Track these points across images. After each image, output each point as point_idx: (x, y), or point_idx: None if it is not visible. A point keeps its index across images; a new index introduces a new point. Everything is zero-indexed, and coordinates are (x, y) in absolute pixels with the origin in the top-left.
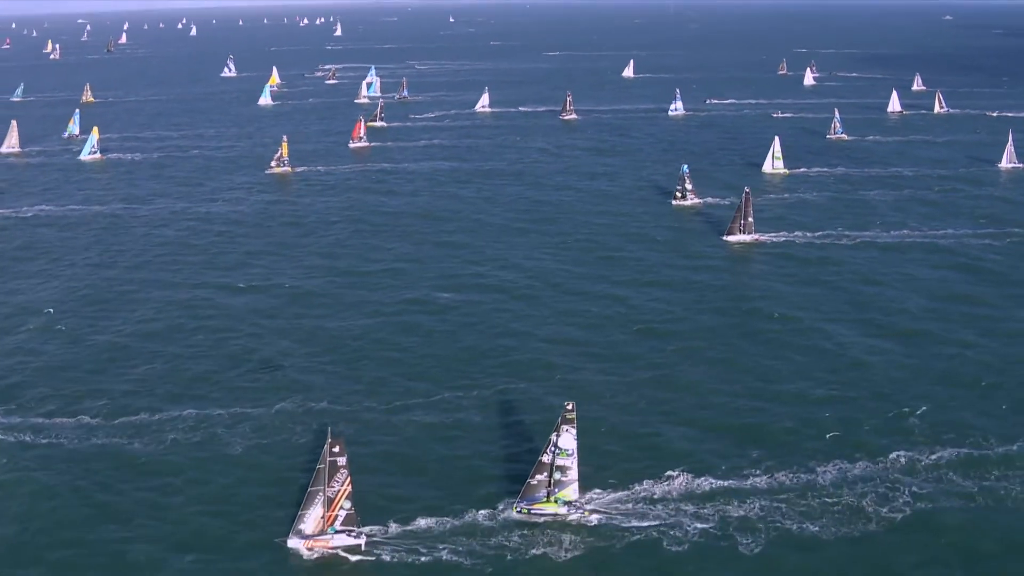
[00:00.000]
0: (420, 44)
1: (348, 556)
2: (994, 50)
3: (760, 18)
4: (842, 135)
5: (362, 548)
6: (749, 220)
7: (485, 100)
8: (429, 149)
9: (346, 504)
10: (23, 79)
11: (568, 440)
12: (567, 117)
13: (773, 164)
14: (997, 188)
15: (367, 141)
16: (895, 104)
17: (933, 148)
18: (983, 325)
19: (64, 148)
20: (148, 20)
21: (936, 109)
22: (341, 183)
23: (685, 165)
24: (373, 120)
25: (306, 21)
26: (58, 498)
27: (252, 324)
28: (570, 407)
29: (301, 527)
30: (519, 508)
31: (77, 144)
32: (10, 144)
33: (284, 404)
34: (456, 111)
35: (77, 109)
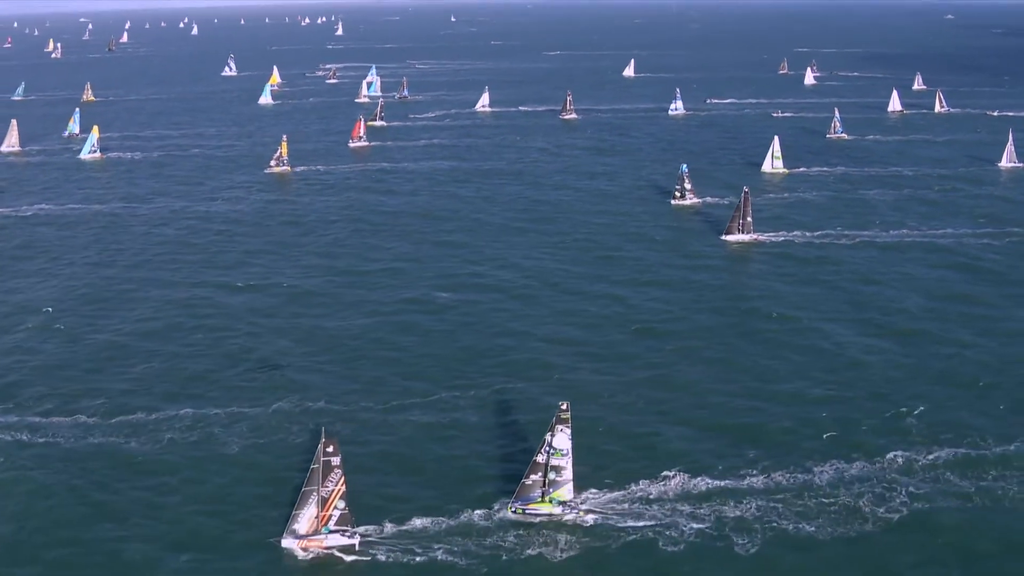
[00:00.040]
0: (421, 44)
1: (343, 556)
2: (995, 50)
3: (761, 18)
4: (842, 135)
5: (356, 548)
6: (748, 220)
7: (485, 99)
8: (429, 148)
9: (340, 504)
10: (24, 78)
11: (562, 440)
12: (567, 117)
13: (772, 164)
14: (997, 187)
15: (367, 140)
16: (895, 103)
17: (933, 147)
18: (981, 325)
19: (64, 147)
20: (150, 19)
21: (936, 108)
22: (340, 182)
23: (684, 165)
24: (373, 119)
25: (308, 20)
26: (55, 497)
27: (250, 323)
28: (564, 407)
29: (295, 527)
30: (514, 508)
31: (77, 143)
32: (10, 143)
33: (281, 404)
34: (456, 110)
35: (77, 108)
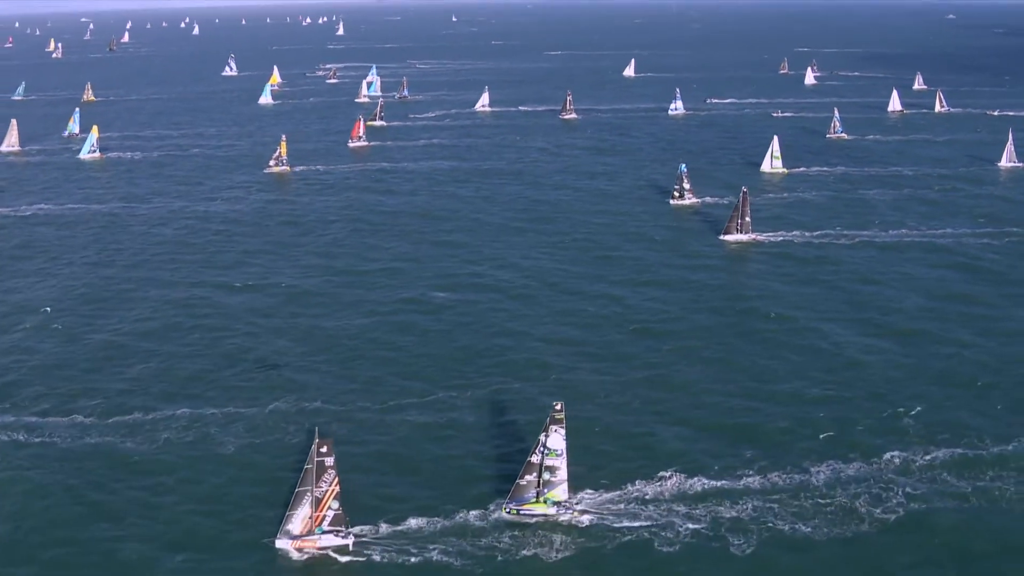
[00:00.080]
0: (422, 43)
1: (338, 556)
2: (996, 49)
3: (762, 18)
4: (842, 134)
5: (350, 548)
6: (746, 220)
7: (485, 99)
8: (428, 148)
9: (334, 504)
10: (25, 78)
11: (557, 440)
12: (567, 116)
13: (772, 164)
14: (997, 187)
15: (366, 140)
16: (895, 103)
17: (933, 147)
18: (980, 324)
19: (64, 147)
20: (151, 19)
21: (937, 108)
22: (340, 182)
23: (683, 164)
24: (373, 119)
25: (309, 20)
26: (51, 497)
27: (248, 323)
28: (558, 407)
29: (289, 527)
30: (508, 509)
31: (77, 143)
32: (10, 143)
33: (278, 404)
34: (456, 110)
35: (77, 108)
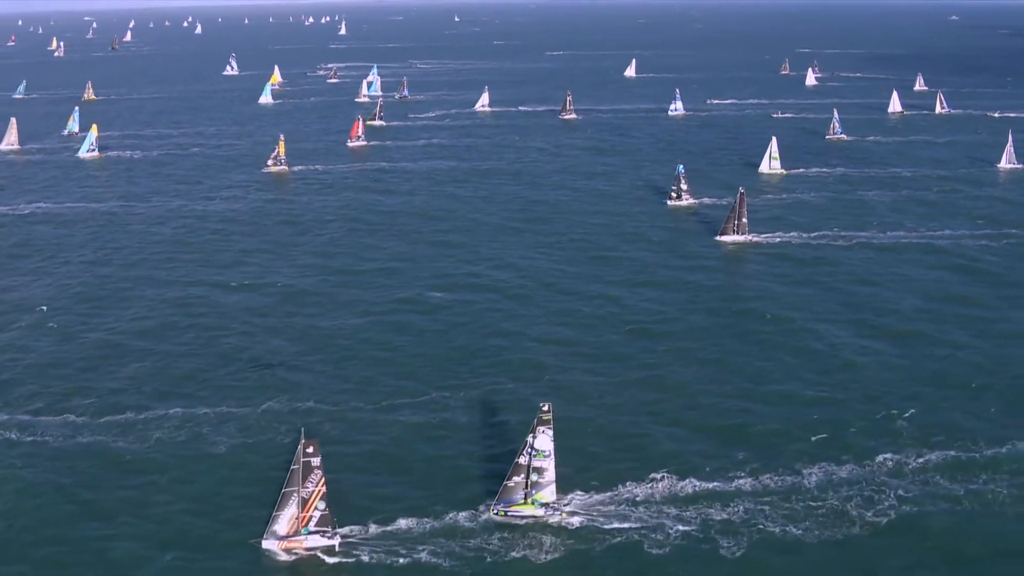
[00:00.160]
0: (423, 43)
1: (326, 557)
2: (999, 50)
3: (764, 18)
4: (841, 135)
5: (336, 549)
6: (743, 220)
7: (485, 99)
8: (428, 148)
9: (320, 505)
10: (26, 76)
11: (544, 441)
12: (567, 117)
13: (770, 164)
14: (996, 189)
15: (365, 140)
16: (896, 105)
17: (933, 148)
18: (977, 326)
19: (64, 146)
20: (154, 18)
21: (937, 110)
22: (338, 182)
23: (681, 165)
24: (372, 119)
25: (311, 20)
26: (43, 496)
27: (244, 323)
28: (546, 408)
29: (275, 528)
30: (496, 510)
31: (77, 142)
32: (9, 141)
33: (271, 403)
34: (456, 110)
35: (77, 107)
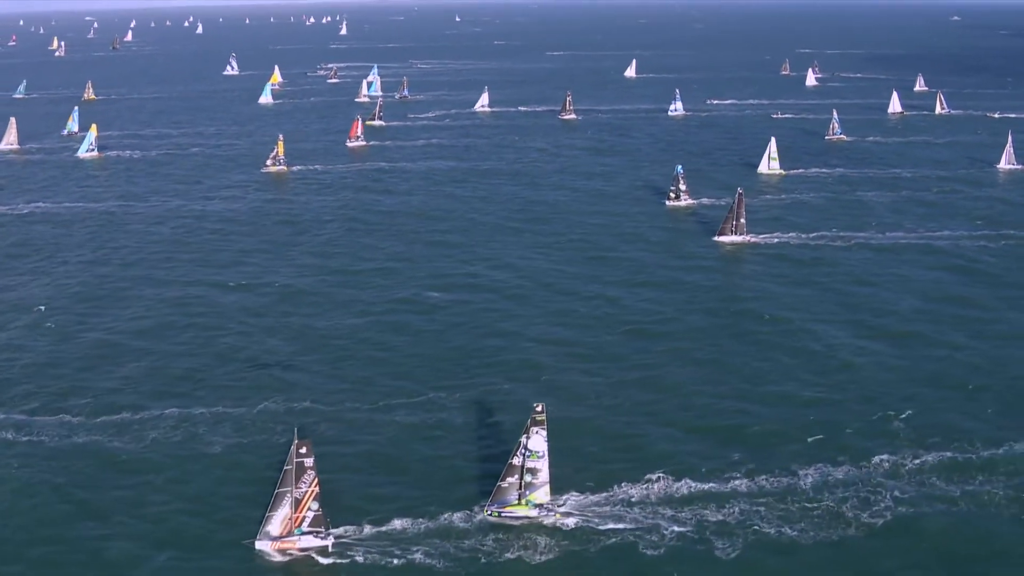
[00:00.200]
0: (424, 43)
1: (320, 558)
2: (1000, 51)
3: (765, 18)
4: (841, 136)
5: (329, 549)
6: (741, 221)
7: (485, 100)
8: (427, 148)
9: (313, 505)
10: (27, 76)
11: (538, 442)
12: (566, 117)
13: (769, 165)
14: (995, 189)
15: (365, 140)
16: (895, 105)
17: (933, 149)
18: (974, 327)
19: (64, 145)
20: (155, 18)
21: (937, 110)
22: (337, 182)
23: (679, 166)
24: (372, 119)
25: (312, 20)
26: (38, 496)
27: (241, 322)
28: (539, 408)
29: (268, 528)
30: (490, 511)
31: (76, 141)
32: (9, 141)
33: (267, 403)
34: (456, 111)
35: (76, 106)
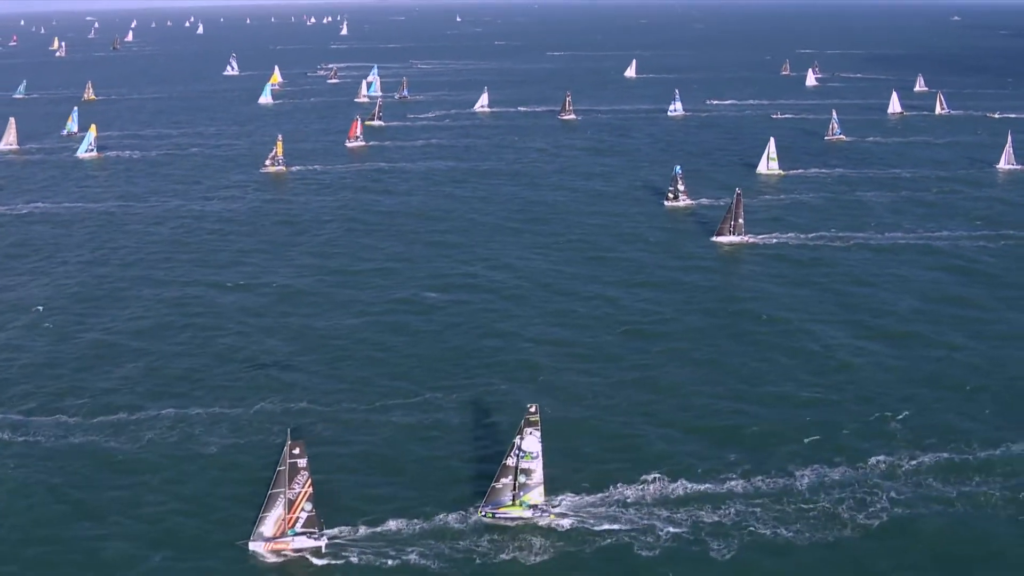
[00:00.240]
0: (424, 43)
1: (315, 558)
2: (1001, 51)
3: (766, 18)
4: (841, 136)
5: (323, 550)
6: (739, 221)
7: (484, 100)
8: (426, 149)
9: (307, 506)
10: (27, 76)
11: (532, 443)
12: (566, 117)
13: (768, 165)
14: (994, 189)
15: (364, 140)
16: (895, 105)
17: (932, 149)
18: (973, 327)
19: (63, 146)
20: (156, 18)
21: (937, 110)
22: (336, 182)
23: (678, 166)
24: (371, 119)
25: (313, 20)
26: (34, 496)
27: (240, 323)
28: (533, 409)
29: (262, 529)
30: (484, 512)
31: (76, 142)
32: (8, 141)
33: (264, 404)
34: (456, 111)
35: (75, 107)
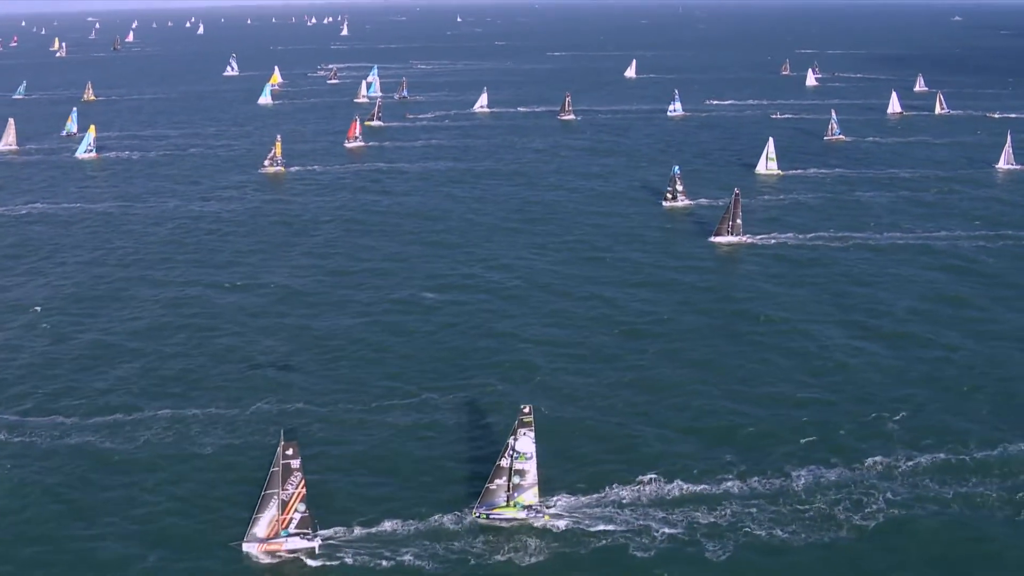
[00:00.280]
0: (425, 44)
1: (309, 559)
2: (1001, 51)
3: (767, 18)
4: (840, 136)
5: (316, 551)
6: (738, 222)
7: (484, 100)
8: (426, 149)
9: (300, 507)
10: (27, 77)
11: (526, 443)
12: (565, 117)
13: (767, 165)
14: (993, 189)
15: (363, 141)
16: (895, 105)
17: (932, 149)
18: (970, 327)
19: (63, 146)
20: (157, 18)
21: (937, 110)
22: (335, 182)
23: (676, 166)
24: (370, 120)
25: (314, 20)
26: (29, 496)
27: (237, 323)
28: (527, 410)
29: (255, 530)
30: (478, 513)
31: (75, 142)
32: (7, 142)
33: (261, 404)
34: (455, 111)
35: (75, 107)
